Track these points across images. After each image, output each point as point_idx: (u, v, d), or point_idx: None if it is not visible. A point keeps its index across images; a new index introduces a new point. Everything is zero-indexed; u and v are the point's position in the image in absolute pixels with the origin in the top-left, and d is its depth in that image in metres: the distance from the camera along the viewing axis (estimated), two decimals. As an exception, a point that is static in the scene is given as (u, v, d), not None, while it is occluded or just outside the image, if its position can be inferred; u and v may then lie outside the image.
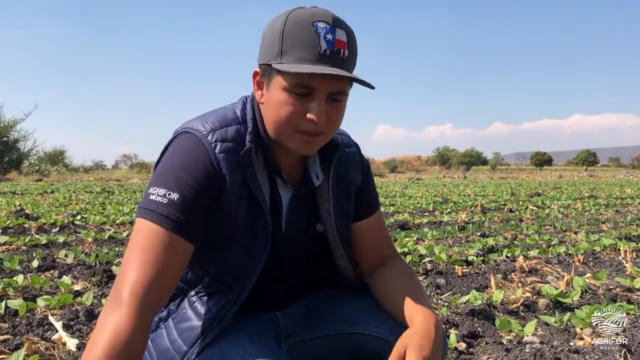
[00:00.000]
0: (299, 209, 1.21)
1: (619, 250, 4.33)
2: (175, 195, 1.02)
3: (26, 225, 5.68)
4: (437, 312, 2.54)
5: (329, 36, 1.00)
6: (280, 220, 1.19)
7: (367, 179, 1.32)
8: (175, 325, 1.17)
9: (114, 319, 0.94)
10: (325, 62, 0.99)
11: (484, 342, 2.21)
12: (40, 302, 2.56)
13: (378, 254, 1.32)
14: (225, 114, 1.14)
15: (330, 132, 1.09)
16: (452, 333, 2.19)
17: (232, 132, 1.11)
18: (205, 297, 1.18)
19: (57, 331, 2.20)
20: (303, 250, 1.28)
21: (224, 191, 1.08)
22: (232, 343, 1.10)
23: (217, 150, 1.07)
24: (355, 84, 1.08)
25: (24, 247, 4.39)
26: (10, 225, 5.64)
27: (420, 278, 3.35)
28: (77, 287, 2.98)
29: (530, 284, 3.19)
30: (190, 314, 1.16)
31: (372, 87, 1.04)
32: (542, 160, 78.46)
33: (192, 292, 1.20)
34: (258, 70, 1.09)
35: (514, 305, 2.70)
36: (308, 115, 1.03)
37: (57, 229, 5.63)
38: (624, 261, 3.92)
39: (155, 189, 1.04)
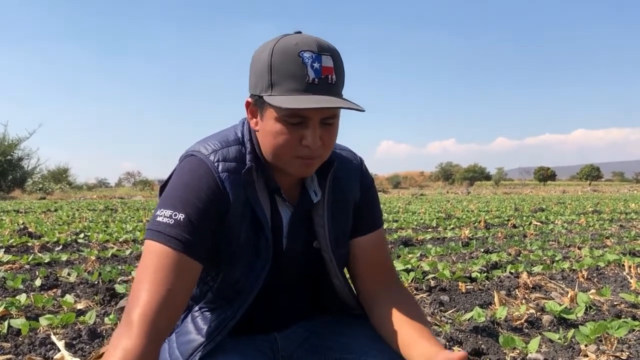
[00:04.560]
0: (299, 227, 1.22)
1: (623, 265, 4.31)
2: (181, 216, 1.05)
3: (29, 244, 5.69)
4: (440, 329, 2.52)
5: (316, 65, 1.02)
6: (281, 239, 1.20)
7: (368, 194, 1.30)
8: (176, 339, 1.20)
9: (123, 340, 0.96)
10: (314, 91, 1.02)
11: (488, 360, 2.19)
12: (43, 321, 2.56)
13: (377, 278, 1.27)
14: (227, 135, 1.18)
15: (326, 153, 1.12)
16: (456, 350, 2.17)
17: (233, 152, 1.14)
18: (208, 313, 1.21)
19: (59, 350, 2.19)
20: (303, 268, 1.28)
21: (228, 209, 1.10)
22: None
23: (219, 169, 1.10)
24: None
25: (27, 266, 4.39)
26: (14, 244, 5.65)
27: (424, 295, 3.33)
28: (79, 306, 2.98)
29: (534, 300, 3.17)
30: (191, 328, 1.20)
31: (362, 110, 1.05)
32: (546, 175, 78.35)
33: (196, 308, 1.24)
34: (250, 100, 1.12)
35: (518, 322, 2.68)
36: (304, 142, 1.06)
37: (60, 247, 5.64)
38: (628, 277, 3.90)
39: (162, 211, 1.07)
